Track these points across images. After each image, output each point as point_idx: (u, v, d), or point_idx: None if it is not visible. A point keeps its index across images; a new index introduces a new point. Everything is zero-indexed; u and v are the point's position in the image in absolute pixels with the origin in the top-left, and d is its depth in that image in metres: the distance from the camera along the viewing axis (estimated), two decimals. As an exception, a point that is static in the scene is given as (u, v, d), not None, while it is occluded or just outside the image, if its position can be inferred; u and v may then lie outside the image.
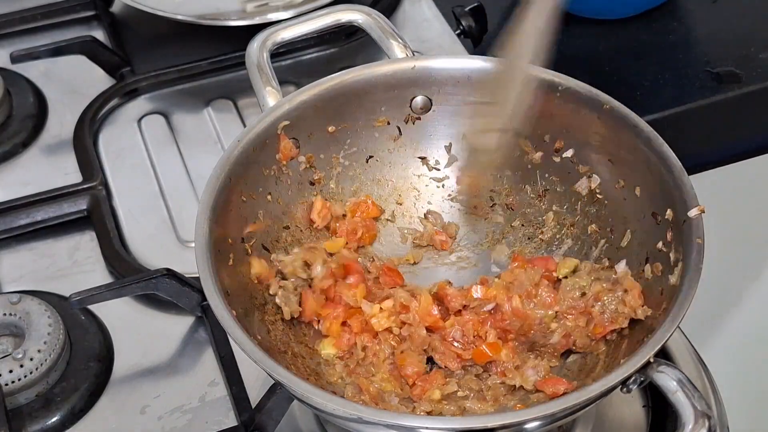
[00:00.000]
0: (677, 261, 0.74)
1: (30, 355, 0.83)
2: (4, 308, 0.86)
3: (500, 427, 0.65)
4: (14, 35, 1.21)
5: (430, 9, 1.22)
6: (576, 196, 0.85)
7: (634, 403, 0.84)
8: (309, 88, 0.86)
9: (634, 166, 0.81)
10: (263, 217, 0.83)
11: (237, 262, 0.78)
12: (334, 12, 0.93)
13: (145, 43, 1.20)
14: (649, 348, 0.67)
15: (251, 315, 0.77)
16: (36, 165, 1.07)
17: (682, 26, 1.18)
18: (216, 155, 0.82)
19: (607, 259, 0.82)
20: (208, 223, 0.76)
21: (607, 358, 0.76)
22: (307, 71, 1.14)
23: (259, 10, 1.15)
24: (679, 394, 0.65)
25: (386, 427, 0.66)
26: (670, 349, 0.85)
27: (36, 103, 1.12)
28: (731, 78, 1.10)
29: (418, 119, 0.89)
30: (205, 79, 1.14)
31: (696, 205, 0.74)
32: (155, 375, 0.87)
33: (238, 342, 0.69)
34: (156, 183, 1.04)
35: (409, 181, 0.90)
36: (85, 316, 0.90)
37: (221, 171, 0.79)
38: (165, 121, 1.10)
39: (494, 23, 1.18)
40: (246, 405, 0.83)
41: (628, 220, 0.81)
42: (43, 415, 0.83)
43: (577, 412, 0.69)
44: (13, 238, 0.98)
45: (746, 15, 1.19)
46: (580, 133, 0.84)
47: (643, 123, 0.80)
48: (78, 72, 1.16)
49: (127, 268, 0.93)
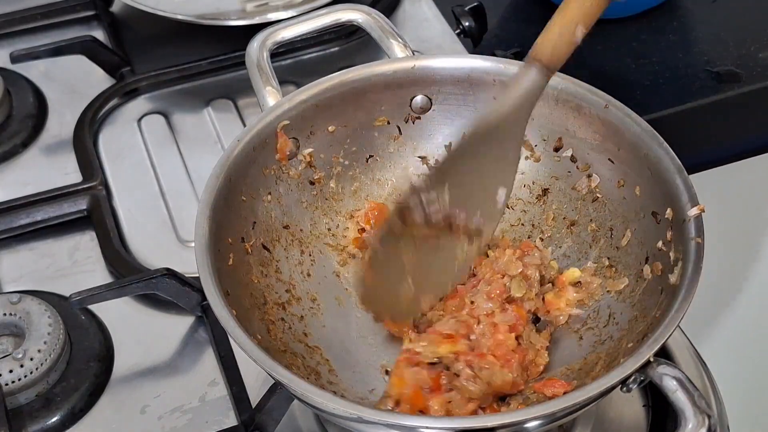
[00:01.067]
0: (677, 260, 0.74)
1: (30, 355, 0.83)
2: (4, 308, 0.86)
3: (500, 426, 0.65)
4: (14, 35, 1.21)
5: (430, 9, 1.22)
6: (576, 195, 0.85)
7: (634, 402, 0.84)
8: (309, 87, 0.86)
9: (634, 166, 0.80)
10: (263, 217, 0.83)
11: (237, 262, 0.78)
12: (334, 12, 0.93)
13: (145, 43, 1.20)
14: (649, 347, 0.67)
15: (251, 315, 0.77)
16: (36, 165, 1.07)
17: (682, 26, 1.18)
18: (216, 155, 0.82)
19: (606, 258, 0.82)
20: (208, 223, 0.76)
21: (607, 357, 0.76)
22: (307, 71, 1.14)
23: (259, 9, 1.15)
24: (679, 394, 0.65)
25: (386, 426, 0.66)
26: (670, 349, 0.85)
27: (36, 103, 1.12)
28: (731, 77, 1.10)
29: (418, 119, 0.89)
30: (205, 79, 1.14)
31: (696, 204, 0.74)
32: (155, 375, 0.87)
33: (238, 342, 0.69)
34: (156, 183, 1.04)
35: (409, 181, 0.90)
36: (85, 316, 0.90)
37: (221, 171, 0.79)
38: (165, 121, 1.10)
39: (494, 23, 1.18)
40: (246, 405, 0.83)
41: (628, 220, 0.81)
42: (43, 415, 0.83)
43: (577, 412, 0.69)
44: (13, 238, 0.98)
45: (746, 15, 1.19)
46: (580, 133, 0.84)
47: (643, 122, 0.80)
48: (78, 72, 1.16)
49: (127, 268, 0.93)
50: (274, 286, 0.82)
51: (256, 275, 0.81)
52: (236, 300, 0.75)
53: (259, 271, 0.81)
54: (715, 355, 0.94)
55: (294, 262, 0.84)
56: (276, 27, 0.91)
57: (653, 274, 0.77)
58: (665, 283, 0.75)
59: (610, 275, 0.82)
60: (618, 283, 0.81)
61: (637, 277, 0.79)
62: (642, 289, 0.78)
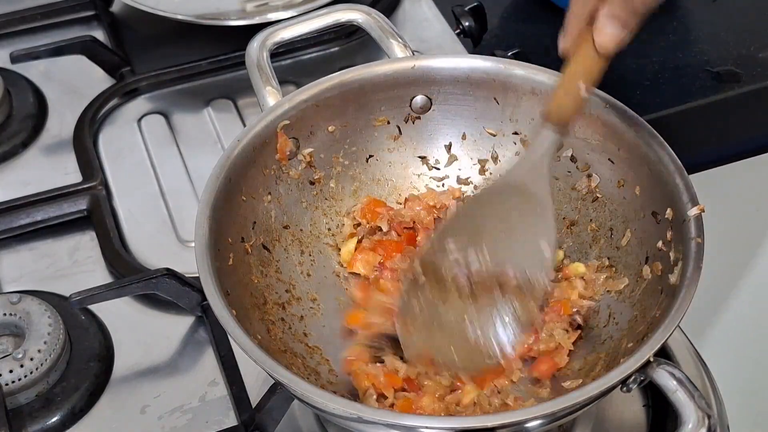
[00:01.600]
0: (677, 260, 0.74)
1: (30, 355, 0.83)
2: (4, 308, 0.86)
3: (500, 426, 0.65)
4: (14, 35, 1.21)
5: (429, 9, 1.22)
6: (576, 195, 0.85)
7: (634, 402, 0.84)
8: (309, 87, 0.86)
9: (634, 166, 0.81)
10: (263, 217, 0.83)
11: (237, 262, 0.78)
12: (334, 12, 0.93)
13: (145, 43, 1.20)
14: (649, 347, 0.67)
15: (251, 315, 0.77)
16: (36, 165, 1.07)
17: (682, 26, 1.18)
18: (216, 155, 0.82)
19: (606, 258, 0.83)
20: (208, 223, 0.76)
21: (607, 357, 0.76)
22: (307, 71, 1.14)
23: (259, 9, 1.15)
24: (678, 394, 0.65)
25: (386, 426, 0.66)
26: (670, 349, 0.85)
27: (36, 103, 1.12)
28: (731, 77, 1.10)
29: (418, 119, 0.89)
30: (205, 79, 1.14)
31: (696, 204, 0.74)
32: (155, 375, 0.87)
33: (238, 342, 0.69)
34: (156, 183, 1.04)
35: (409, 181, 0.90)
36: (85, 316, 0.90)
37: (221, 171, 0.79)
38: (165, 121, 1.10)
39: (494, 23, 1.18)
40: (246, 405, 0.83)
41: (628, 220, 0.81)
42: (43, 415, 0.83)
43: (577, 412, 0.69)
44: (13, 238, 0.98)
45: (746, 15, 1.19)
46: (580, 133, 0.84)
47: (643, 122, 0.80)
48: (78, 72, 1.16)
49: (127, 268, 0.93)
50: (274, 286, 0.82)
51: (256, 275, 0.81)
52: (236, 300, 0.75)
53: (259, 271, 0.81)
54: (715, 355, 0.94)
55: (294, 262, 0.84)
56: (276, 27, 0.91)
57: (653, 274, 0.77)
58: (665, 283, 0.75)
59: (610, 275, 0.82)
60: (618, 283, 0.81)
61: (637, 277, 0.79)
62: (642, 289, 0.78)
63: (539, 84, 0.84)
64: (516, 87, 0.86)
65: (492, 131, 0.88)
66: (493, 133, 0.88)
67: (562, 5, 1.18)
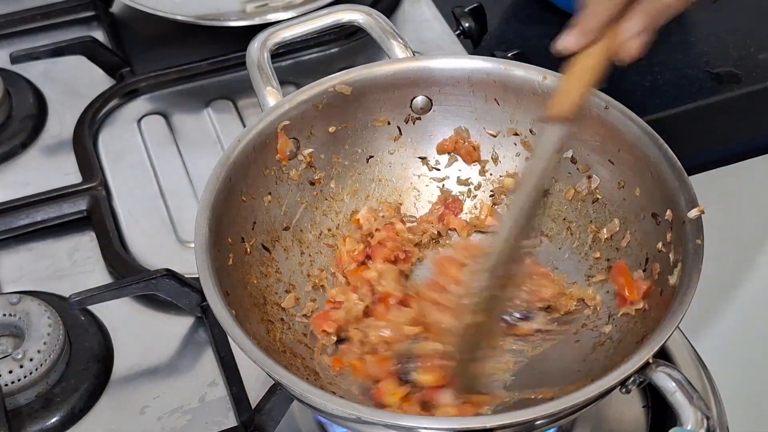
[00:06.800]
0: (677, 262, 0.74)
1: (30, 356, 0.83)
2: (4, 308, 0.86)
3: (500, 426, 0.65)
4: (14, 35, 1.21)
5: (429, 9, 1.22)
6: (576, 196, 0.85)
7: (634, 403, 0.84)
8: (309, 88, 0.86)
9: (634, 167, 0.81)
10: (263, 217, 0.83)
11: (237, 262, 0.79)
12: (334, 12, 0.93)
13: (145, 44, 1.20)
14: (648, 348, 0.67)
15: (251, 315, 0.77)
16: (36, 165, 1.07)
17: (682, 27, 1.18)
18: (216, 155, 0.82)
19: (606, 259, 0.83)
20: (208, 223, 0.76)
21: (606, 359, 0.76)
22: (307, 71, 1.14)
23: (259, 10, 1.15)
24: (677, 395, 0.65)
25: (385, 427, 0.66)
26: (669, 350, 0.85)
27: (36, 103, 1.12)
28: (731, 78, 1.11)
29: (418, 119, 0.89)
30: (205, 79, 1.14)
31: (696, 205, 0.74)
32: (155, 375, 0.87)
33: (238, 342, 0.69)
34: (156, 183, 1.04)
35: (409, 181, 0.90)
36: (85, 317, 0.90)
37: (221, 171, 0.79)
38: (165, 121, 1.10)
39: (494, 23, 1.18)
40: (246, 405, 0.83)
41: (628, 221, 0.82)
42: (43, 415, 0.83)
43: (577, 412, 0.69)
44: (13, 238, 0.98)
45: (746, 15, 1.19)
46: (580, 134, 0.84)
47: (643, 123, 0.80)
48: (78, 72, 1.16)
49: (127, 269, 0.93)
50: (273, 286, 0.82)
51: (256, 275, 0.81)
52: (236, 300, 0.75)
53: (259, 271, 0.81)
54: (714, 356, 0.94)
55: (294, 262, 0.84)
56: (276, 27, 0.91)
57: (653, 276, 0.77)
58: (665, 284, 0.75)
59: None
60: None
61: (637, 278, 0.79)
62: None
63: (539, 85, 0.84)
64: (516, 88, 0.86)
65: (492, 132, 0.88)
66: (493, 134, 0.88)
67: (562, 6, 1.18)
